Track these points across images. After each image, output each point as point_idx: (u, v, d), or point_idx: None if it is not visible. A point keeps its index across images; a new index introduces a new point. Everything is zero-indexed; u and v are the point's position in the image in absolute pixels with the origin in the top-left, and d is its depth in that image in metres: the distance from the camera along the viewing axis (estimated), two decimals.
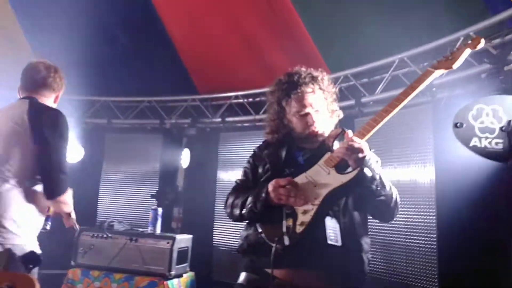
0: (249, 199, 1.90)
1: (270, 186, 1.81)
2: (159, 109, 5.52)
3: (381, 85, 3.96)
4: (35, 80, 2.32)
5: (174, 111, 5.51)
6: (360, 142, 1.75)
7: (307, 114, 1.96)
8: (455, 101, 3.39)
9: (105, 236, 4.05)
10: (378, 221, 2.05)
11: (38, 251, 2.10)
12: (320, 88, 2.00)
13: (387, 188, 1.83)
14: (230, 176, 5.02)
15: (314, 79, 2.00)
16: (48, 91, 2.34)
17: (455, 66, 1.84)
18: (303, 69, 2.05)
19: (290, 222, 1.74)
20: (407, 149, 3.60)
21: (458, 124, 2.71)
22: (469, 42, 1.88)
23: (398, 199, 1.89)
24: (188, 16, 4.98)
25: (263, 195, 1.83)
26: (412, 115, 3.50)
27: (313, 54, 4.40)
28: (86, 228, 4.18)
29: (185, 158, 5.31)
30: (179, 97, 5.51)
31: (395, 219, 1.93)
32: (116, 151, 5.51)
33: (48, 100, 2.35)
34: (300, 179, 1.83)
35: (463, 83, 3.43)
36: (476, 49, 1.87)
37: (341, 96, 4.16)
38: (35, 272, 1.99)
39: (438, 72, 1.85)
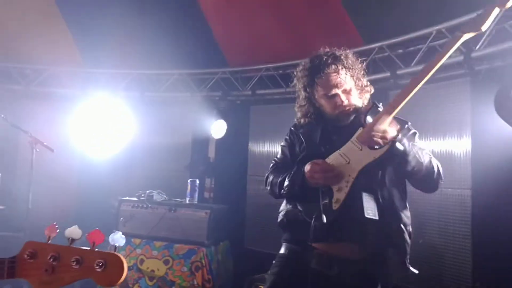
0: (287, 180, 1.97)
1: (307, 172, 1.89)
2: (190, 82, 5.58)
3: (417, 57, 3.87)
4: None
5: (205, 83, 5.57)
6: (380, 133, 1.77)
7: (335, 95, 1.98)
8: (495, 74, 3.35)
9: (145, 206, 4.22)
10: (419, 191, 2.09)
11: None
12: (344, 67, 1.99)
13: (425, 159, 1.86)
14: (261, 148, 5.10)
15: (336, 59, 1.99)
16: None
17: (484, 27, 1.75)
18: (326, 50, 2.04)
19: (326, 200, 1.82)
20: (443, 122, 3.58)
21: (500, 101, 2.68)
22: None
23: (441, 170, 1.92)
24: None
25: (300, 178, 1.91)
26: (450, 87, 3.46)
27: (347, 25, 4.35)
28: (126, 200, 4.37)
29: (217, 129, 5.38)
30: (210, 70, 5.54)
31: None
32: (149, 123, 5.61)
33: None
34: (334, 156, 1.89)
35: (503, 55, 3.36)
36: (506, 7, 1.74)
37: (376, 68, 4.18)
38: None
39: (466, 36, 1.78)
